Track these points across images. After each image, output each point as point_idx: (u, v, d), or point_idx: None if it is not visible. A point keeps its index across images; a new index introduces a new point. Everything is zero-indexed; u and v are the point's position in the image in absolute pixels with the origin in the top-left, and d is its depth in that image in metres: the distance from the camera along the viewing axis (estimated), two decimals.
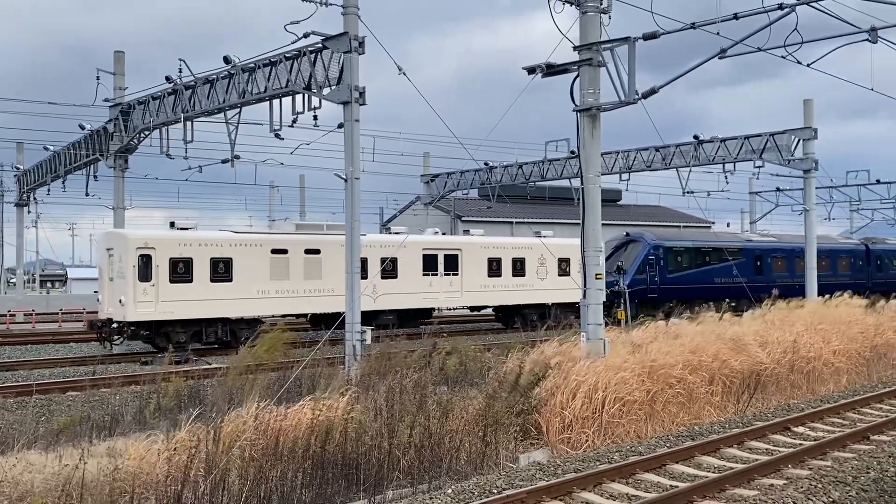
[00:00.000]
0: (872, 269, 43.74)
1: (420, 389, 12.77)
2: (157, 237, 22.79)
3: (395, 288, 26.40)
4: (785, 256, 38.51)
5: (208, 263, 22.82)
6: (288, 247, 24.22)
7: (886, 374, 18.70)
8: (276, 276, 23.76)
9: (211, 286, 22.81)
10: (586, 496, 9.04)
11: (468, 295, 28.71)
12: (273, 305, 24.07)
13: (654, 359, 13.53)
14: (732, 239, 38.39)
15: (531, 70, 15.29)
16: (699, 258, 34.76)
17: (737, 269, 34.92)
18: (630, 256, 33.22)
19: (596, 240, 15.67)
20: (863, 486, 9.37)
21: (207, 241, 23.19)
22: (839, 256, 42.38)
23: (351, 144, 17.91)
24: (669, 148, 32.11)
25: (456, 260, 28.35)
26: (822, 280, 37.29)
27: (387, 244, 26.63)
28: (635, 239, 34.16)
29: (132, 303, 21.66)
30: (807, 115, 28.39)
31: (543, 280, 30.13)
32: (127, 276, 21.73)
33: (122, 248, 22.11)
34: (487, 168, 36.50)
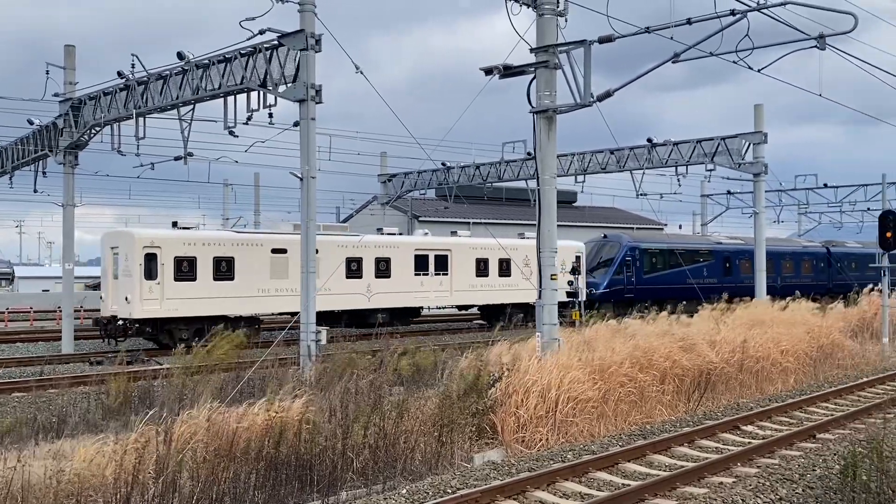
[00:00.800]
0: (833, 270, 45.18)
1: (375, 390, 12.75)
2: (163, 236, 23.28)
3: (388, 287, 27.27)
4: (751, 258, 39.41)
5: (211, 262, 23.35)
6: (287, 246, 24.54)
7: (832, 373, 19.16)
8: (276, 275, 24.33)
9: (214, 284, 23.29)
10: (540, 495, 9.10)
11: (457, 294, 29.70)
12: (272, 304, 24.69)
13: (606, 358, 13.68)
14: (704, 241, 39.75)
15: (488, 71, 15.35)
16: (673, 259, 35.91)
17: (707, 270, 36.54)
18: (607, 257, 34.31)
19: (551, 240, 15.78)
20: (809, 484, 9.59)
21: (211, 240, 23.84)
22: (802, 259, 43.69)
23: (307, 143, 17.79)
24: (624, 150, 32.49)
25: (446, 260, 29.23)
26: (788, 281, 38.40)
27: (380, 245, 27.50)
28: (613, 241, 35.23)
29: (138, 300, 22.17)
30: (757, 119, 28.96)
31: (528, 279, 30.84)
32: (133, 274, 22.21)
33: (128, 247, 22.63)
34: (445, 168, 36.53)
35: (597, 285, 33.27)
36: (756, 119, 28.97)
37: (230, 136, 20.38)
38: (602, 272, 34.16)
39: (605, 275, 33.84)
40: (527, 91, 15.42)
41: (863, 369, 19.96)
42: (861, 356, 21.49)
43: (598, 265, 34.34)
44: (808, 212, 53.04)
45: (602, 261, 34.45)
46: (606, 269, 34.07)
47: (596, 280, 33.52)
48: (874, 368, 20.06)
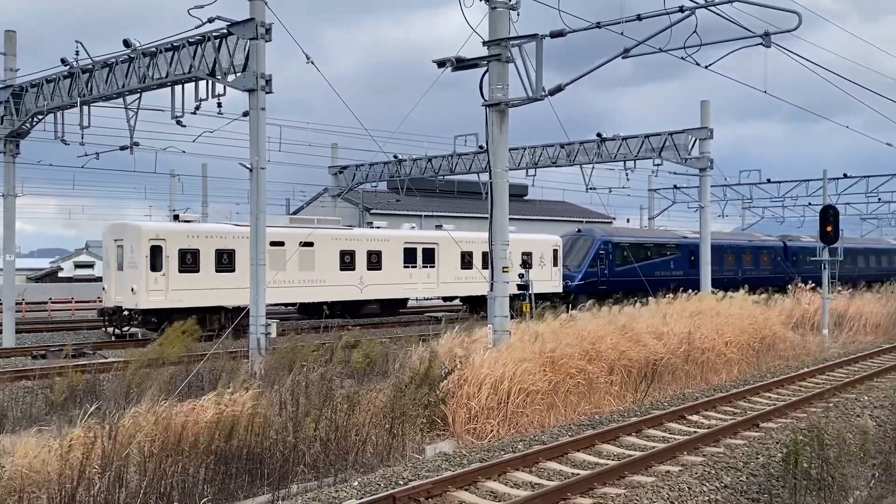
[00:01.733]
0: (790, 263, 46.65)
1: (326, 383, 12.70)
2: (168, 229, 23.97)
3: (379, 279, 28.25)
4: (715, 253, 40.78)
5: (213, 254, 24.07)
6: (285, 239, 25.40)
7: (774, 364, 19.65)
8: (274, 267, 24.78)
9: (216, 276, 24.03)
10: (491, 485, 9.18)
11: (444, 286, 30.78)
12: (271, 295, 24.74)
13: (556, 349, 13.83)
14: (671, 236, 40.95)
15: (441, 63, 15.36)
16: (642, 253, 36.94)
17: (674, 263, 37.82)
18: (581, 251, 35.29)
19: (503, 234, 15.86)
20: (752, 472, 9.84)
21: (213, 233, 24.65)
22: (761, 252, 45.14)
23: (256, 133, 17.58)
24: (574, 145, 32.77)
25: (433, 253, 30.24)
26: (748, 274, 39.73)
27: (372, 238, 28.43)
28: (586, 234, 36.26)
29: (144, 291, 22.83)
30: (704, 115, 29.45)
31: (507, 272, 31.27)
32: (139, 265, 22.89)
33: (134, 240, 23.27)
34: (397, 161, 36.41)
35: (573, 277, 34.38)
36: (702, 115, 29.46)
37: (178, 125, 20.04)
38: (577, 265, 35.13)
39: (580, 268, 34.82)
40: (479, 84, 15.47)
41: (804, 360, 20.51)
42: (802, 347, 22.07)
43: (573, 258, 35.33)
44: (751, 206, 54.24)
45: (577, 254, 35.43)
46: (581, 263, 35.03)
47: (572, 273, 34.63)
48: (815, 359, 20.63)
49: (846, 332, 25.72)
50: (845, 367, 19.01)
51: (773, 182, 48.36)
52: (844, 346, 23.80)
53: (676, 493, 8.82)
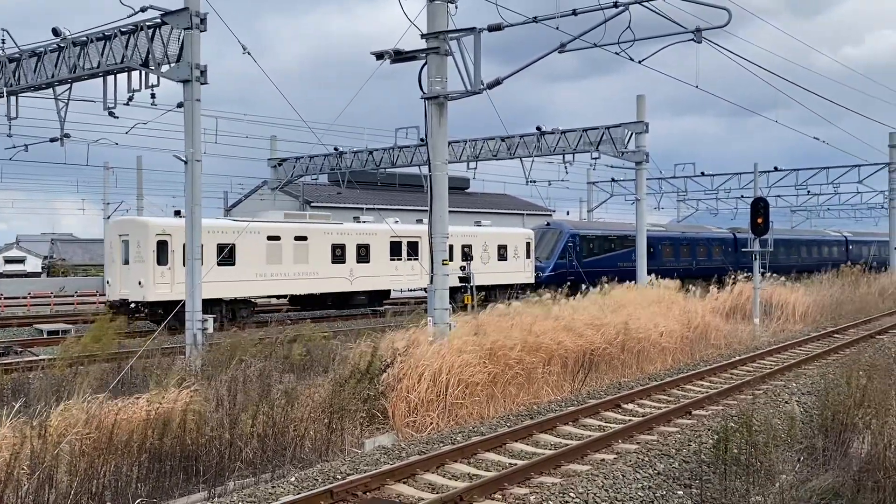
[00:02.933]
0: (739, 254, 47.89)
1: (264, 378, 12.59)
2: (173, 224, 24.70)
3: (368, 271, 29.67)
4: (671, 244, 43.57)
5: (215, 249, 24.80)
6: (281, 234, 26.93)
7: (707, 352, 20.14)
8: (271, 261, 26.55)
9: (217, 269, 24.42)
10: (429, 477, 9.23)
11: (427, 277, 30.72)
12: (268, 287, 27.02)
13: (496, 341, 13.95)
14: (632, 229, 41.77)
15: (379, 56, 15.29)
16: (606, 245, 38.88)
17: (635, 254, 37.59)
18: (550, 243, 36.92)
19: (443, 226, 15.91)
20: (685, 458, 10.10)
21: (215, 228, 25.45)
22: (713, 244, 46.82)
23: (191, 125, 17.26)
24: (514, 138, 32.99)
25: (416, 246, 31.29)
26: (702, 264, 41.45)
27: (361, 232, 29.77)
28: (555, 228, 37.94)
29: (151, 284, 23.94)
30: (639, 110, 29.95)
31: (486, 264, 33.92)
32: (147, 260, 23.98)
33: (141, 235, 24.38)
34: (337, 153, 36.15)
35: (543, 269, 35.93)
36: (638, 110, 29.96)
37: (110, 117, 19.57)
38: (546, 257, 36.58)
39: (550, 260, 36.35)
40: (418, 77, 15.46)
41: (736, 348, 21.08)
42: (734, 336, 22.66)
43: (543, 250, 36.79)
44: (686, 199, 55.47)
45: (546, 246, 36.89)
46: (550, 254, 36.52)
47: (542, 264, 36.19)
48: (746, 347, 21.21)
49: (776, 320, 26.48)
50: (775, 355, 19.59)
51: (706, 175, 49.59)
52: (775, 334, 24.52)
53: (611, 480, 9.00)
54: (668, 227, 46.83)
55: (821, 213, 67.08)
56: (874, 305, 33.07)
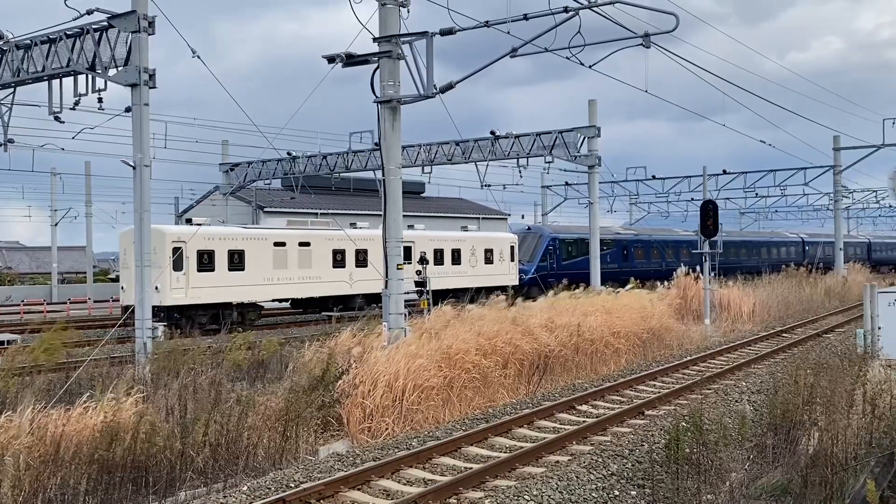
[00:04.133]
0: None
1: (217, 386, 12.40)
2: (188, 232, 25.83)
3: (366, 275, 30.26)
4: (643, 247, 45.76)
5: (226, 255, 26.38)
6: (286, 240, 28.27)
7: (660, 353, 20.40)
8: (278, 266, 27.85)
9: (228, 274, 26.39)
10: (384, 483, 9.17)
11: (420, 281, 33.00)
12: (275, 291, 28.31)
13: (452, 345, 13.95)
14: (606, 232, 44.23)
15: (331, 59, 15.23)
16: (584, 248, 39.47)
17: (610, 257, 41.57)
18: (531, 247, 38.50)
19: (397, 231, 15.87)
20: (638, 459, 10.20)
21: (225, 235, 26.99)
22: (681, 246, 48.13)
23: (140, 130, 16.98)
24: (469, 142, 33.06)
25: (409, 251, 32.10)
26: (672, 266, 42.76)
27: (360, 238, 30.53)
28: (535, 232, 39.77)
29: (168, 289, 24.72)
30: (591, 114, 30.28)
31: (474, 267, 35.82)
32: (163, 265, 24.29)
33: (158, 242, 24.36)
34: (290, 158, 35.84)
35: (526, 272, 37.43)
36: (590, 114, 30.29)
37: (56, 121, 19.17)
38: (528, 259, 38.06)
39: (532, 262, 37.90)
40: (370, 81, 15.43)
41: (687, 348, 21.38)
42: (686, 336, 23.00)
43: (524, 253, 38.22)
44: (638, 202, 56.23)
45: (527, 250, 38.39)
46: (532, 257, 38.08)
47: (525, 267, 37.67)
48: (697, 347, 21.53)
49: (727, 320, 26.94)
50: (725, 355, 19.93)
51: (657, 178, 50.32)
52: (725, 334, 24.95)
53: (565, 482, 9.04)
54: (640, 231, 48.97)
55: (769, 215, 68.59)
56: (821, 305, 33.89)
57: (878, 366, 15.10)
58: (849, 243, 70.82)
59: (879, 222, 76.91)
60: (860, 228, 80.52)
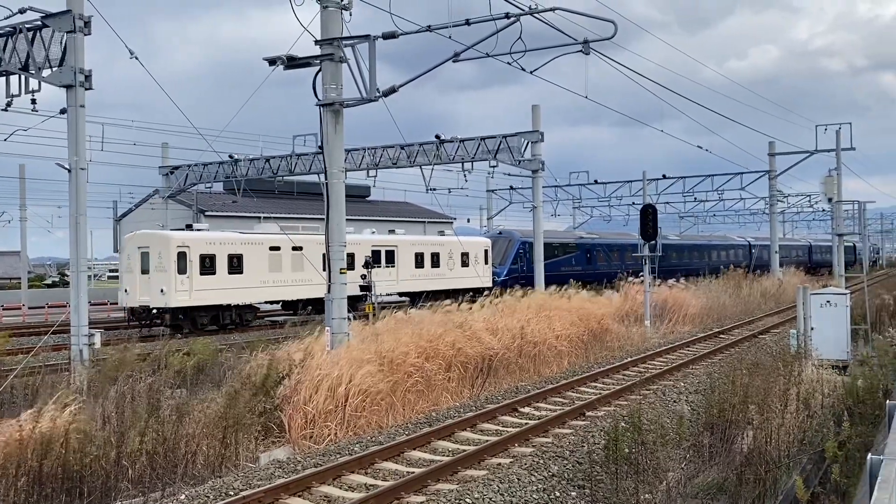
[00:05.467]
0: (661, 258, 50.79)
1: (154, 394, 12.15)
2: (191, 237, 27.52)
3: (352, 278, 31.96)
4: (605, 250, 47.55)
5: (226, 259, 27.68)
6: (280, 244, 29.17)
7: (602, 355, 20.67)
8: (273, 269, 29.09)
9: (228, 277, 27.66)
10: (325, 489, 9.11)
11: (402, 283, 35.30)
12: (271, 293, 29.62)
13: (395, 349, 13.92)
14: (572, 237, 47.38)
15: (272, 61, 15.09)
16: (551, 252, 41.40)
17: (575, 259, 44.45)
18: (502, 250, 40.36)
19: (340, 234, 15.81)
20: (578, 459, 10.32)
21: (225, 240, 28.30)
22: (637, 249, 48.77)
23: (75, 132, 16.57)
24: (414, 146, 33.06)
25: (393, 255, 34.75)
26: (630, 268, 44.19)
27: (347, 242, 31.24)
28: (506, 236, 41.58)
29: (173, 292, 26.20)
30: (535, 119, 30.57)
31: (452, 270, 37.47)
32: (169, 270, 26.27)
33: (162, 247, 26.69)
34: (232, 161, 35.38)
35: (499, 274, 39.14)
36: (533, 119, 30.57)
37: None
38: (500, 262, 39.73)
39: (504, 265, 39.68)
40: (313, 84, 15.33)
41: (628, 350, 21.71)
42: (627, 338, 23.36)
43: (496, 257, 39.89)
44: (581, 206, 56.94)
45: (498, 253, 40.08)
46: (504, 260, 39.84)
47: (497, 270, 39.48)
48: (637, 349, 21.87)
49: (667, 322, 27.44)
50: (664, 356, 20.29)
51: (599, 183, 51.06)
52: (665, 335, 25.41)
53: (506, 484, 9.10)
54: (602, 235, 50.63)
55: (707, 219, 70.11)
56: (757, 306, 34.78)
57: (810, 366, 15.58)
58: (791, 246, 73.47)
59: (814, 226, 79.35)
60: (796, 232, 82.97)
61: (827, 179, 33.88)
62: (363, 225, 40.84)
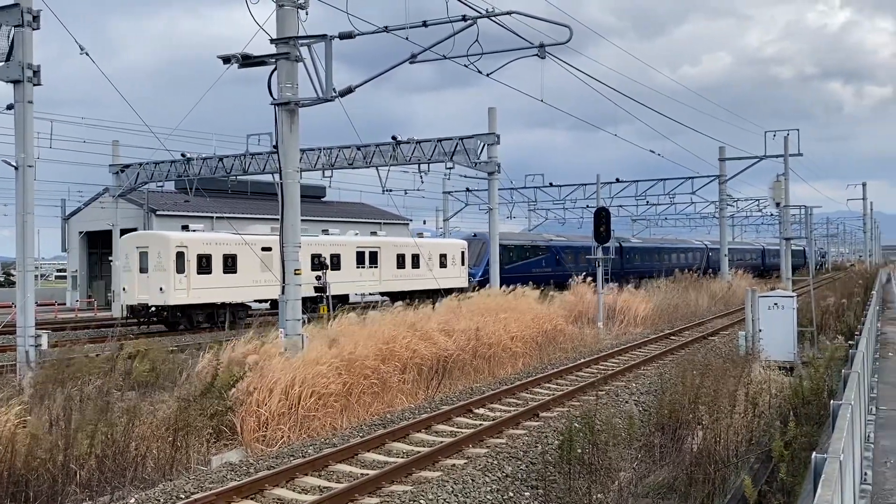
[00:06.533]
0: (624, 260, 53.58)
1: (104, 396, 11.93)
2: (189, 238, 28.45)
3: (339, 278, 33.23)
4: (573, 252, 48.40)
5: (222, 258, 28.59)
6: (272, 245, 29.24)
7: (555, 356, 20.85)
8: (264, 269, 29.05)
9: (223, 276, 28.50)
10: (278, 492, 9.04)
11: (385, 283, 36.63)
12: (262, 292, 30.01)
13: (351, 351, 13.87)
14: (542, 240, 48.97)
15: (226, 60, 14.92)
16: (522, 254, 44.75)
17: (545, 261, 46.18)
18: (476, 252, 41.68)
19: (295, 235, 15.68)
20: (532, 460, 10.40)
21: (221, 241, 29.26)
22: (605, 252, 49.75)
23: (23, 128, 16.19)
24: (370, 147, 32.92)
25: (376, 256, 35.98)
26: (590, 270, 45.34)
27: (334, 244, 34.07)
28: (480, 238, 42.47)
29: (172, 290, 27.23)
30: (491, 122, 30.66)
31: (431, 271, 38.12)
32: (168, 269, 27.31)
33: (162, 247, 27.75)
34: (185, 159, 34.84)
35: (474, 275, 40.51)
36: (490, 121, 30.66)
37: None
38: (474, 264, 41.03)
39: (479, 266, 40.75)
40: (268, 82, 15.19)
41: (581, 351, 21.93)
42: (580, 339, 23.59)
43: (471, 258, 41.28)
44: (536, 208, 57.33)
45: (472, 254, 41.43)
46: (478, 262, 41.02)
47: (472, 271, 41.03)
48: (591, 350, 22.11)
49: (619, 324, 27.78)
50: (617, 357, 20.55)
51: (555, 186, 51.48)
52: (617, 336, 25.72)
53: (461, 485, 9.13)
54: (570, 238, 51.81)
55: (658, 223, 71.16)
56: (707, 308, 35.40)
57: (758, 367, 15.92)
58: (746, 250, 75.29)
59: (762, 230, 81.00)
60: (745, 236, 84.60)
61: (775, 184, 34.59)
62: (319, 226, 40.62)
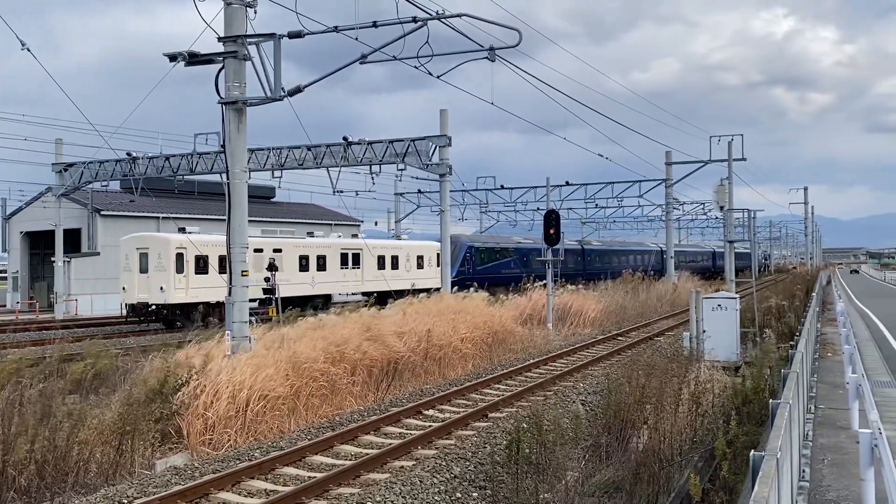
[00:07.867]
0: (587, 262, 56.10)
1: (45, 400, 11.63)
2: (188, 239, 29.49)
3: (325, 278, 35.59)
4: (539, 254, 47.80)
5: (217, 259, 28.89)
6: (263, 247, 31.84)
7: (505, 357, 20.97)
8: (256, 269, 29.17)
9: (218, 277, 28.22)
10: (223, 496, 8.93)
11: (367, 283, 38.33)
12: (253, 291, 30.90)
13: (300, 353, 13.76)
14: (511, 242, 50.90)
15: (173, 57, 14.69)
16: (494, 256, 46.53)
17: (514, 263, 48.11)
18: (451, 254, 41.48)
19: (242, 236, 15.51)
20: (480, 461, 10.44)
21: (216, 242, 29.29)
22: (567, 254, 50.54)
23: None
24: (321, 147, 32.68)
25: (359, 257, 37.80)
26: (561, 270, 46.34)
27: (320, 245, 35.92)
28: (454, 241, 42.99)
29: (172, 289, 28.81)
30: (442, 123, 30.70)
31: (409, 272, 40.61)
32: (168, 269, 28.89)
33: (162, 248, 29.39)
34: (130, 159, 34.19)
35: None
36: (441, 123, 30.69)
37: None
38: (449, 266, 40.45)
39: (453, 268, 40.91)
40: (215, 81, 14.99)
41: (531, 352, 22.08)
42: (530, 340, 23.76)
43: None
44: (487, 210, 57.57)
45: None
46: (453, 263, 41.36)
47: None
48: (540, 351, 22.29)
49: (568, 325, 28.06)
50: (565, 358, 20.75)
51: (506, 188, 51.79)
52: (566, 338, 25.97)
53: (409, 487, 9.13)
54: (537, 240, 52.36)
55: (607, 225, 72.08)
56: (654, 309, 35.96)
57: (703, 367, 16.22)
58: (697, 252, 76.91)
59: (707, 233, 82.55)
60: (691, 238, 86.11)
61: (719, 188, 35.31)
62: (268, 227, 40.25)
